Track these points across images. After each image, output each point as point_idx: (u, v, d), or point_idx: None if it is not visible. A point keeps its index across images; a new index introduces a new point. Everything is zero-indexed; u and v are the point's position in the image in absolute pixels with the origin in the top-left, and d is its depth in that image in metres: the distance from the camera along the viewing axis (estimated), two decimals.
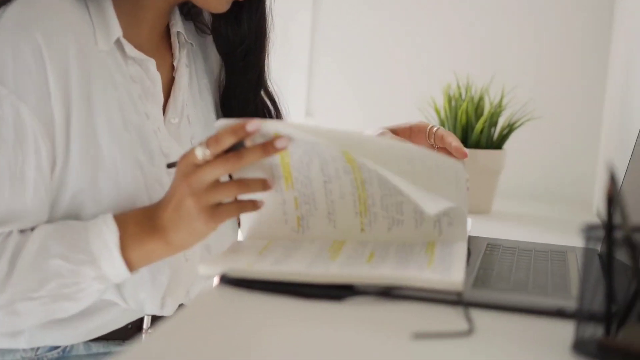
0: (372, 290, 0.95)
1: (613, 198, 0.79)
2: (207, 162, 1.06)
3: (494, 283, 1.06)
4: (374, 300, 0.94)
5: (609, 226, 0.78)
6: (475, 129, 1.95)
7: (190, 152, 1.07)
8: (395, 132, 1.42)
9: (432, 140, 1.40)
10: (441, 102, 2.04)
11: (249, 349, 0.80)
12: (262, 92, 1.40)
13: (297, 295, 0.94)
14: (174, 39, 1.33)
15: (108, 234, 1.12)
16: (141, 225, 1.13)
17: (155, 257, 1.14)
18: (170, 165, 1.14)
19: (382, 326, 0.88)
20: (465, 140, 1.96)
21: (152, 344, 0.82)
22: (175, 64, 1.32)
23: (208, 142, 1.06)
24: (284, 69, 2.49)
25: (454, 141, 1.37)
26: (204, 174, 1.06)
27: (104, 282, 1.13)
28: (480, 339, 0.84)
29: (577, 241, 0.85)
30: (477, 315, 0.90)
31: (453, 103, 2.01)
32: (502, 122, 2.02)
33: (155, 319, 1.29)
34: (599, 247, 0.82)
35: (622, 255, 0.79)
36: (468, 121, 1.97)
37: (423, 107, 2.14)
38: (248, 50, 1.36)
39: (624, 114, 1.90)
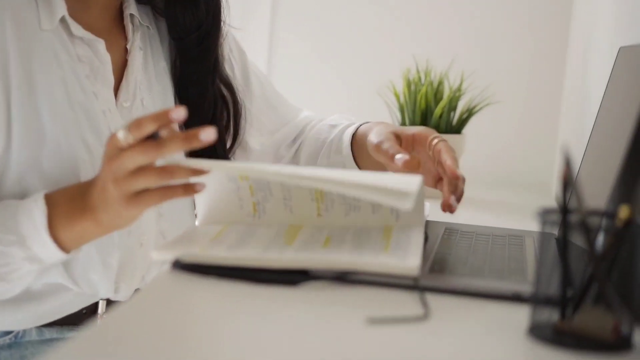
0: (327, 275, 0.94)
1: (569, 182, 0.79)
2: (129, 147, 0.99)
3: (450, 268, 1.06)
4: (329, 285, 0.94)
5: (564, 210, 0.78)
6: (435, 114, 1.95)
7: (115, 135, 1.00)
8: (399, 137, 1.30)
9: (430, 152, 1.26)
10: (400, 87, 2.03)
11: (203, 334, 0.79)
12: (219, 80, 1.38)
13: (251, 280, 0.93)
14: (127, 21, 1.31)
15: (37, 213, 1.09)
16: (73, 205, 1.09)
17: (88, 236, 1.11)
18: None
19: (337, 311, 0.87)
20: (425, 125, 1.95)
21: (105, 328, 0.80)
22: (128, 46, 1.30)
23: (130, 127, 0.99)
24: None
25: (448, 159, 1.21)
26: (124, 159, 0.99)
27: (35, 262, 1.11)
28: (435, 324, 0.83)
29: (535, 226, 0.85)
30: (433, 300, 0.90)
31: (412, 87, 2.01)
32: (461, 106, 2.02)
33: (110, 304, 1.27)
34: (556, 232, 0.81)
35: (578, 239, 0.79)
36: (427, 106, 1.97)
37: (382, 92, 2.13)
38: (205, 36, 1.34)
39: (582, 99, 1.91)
